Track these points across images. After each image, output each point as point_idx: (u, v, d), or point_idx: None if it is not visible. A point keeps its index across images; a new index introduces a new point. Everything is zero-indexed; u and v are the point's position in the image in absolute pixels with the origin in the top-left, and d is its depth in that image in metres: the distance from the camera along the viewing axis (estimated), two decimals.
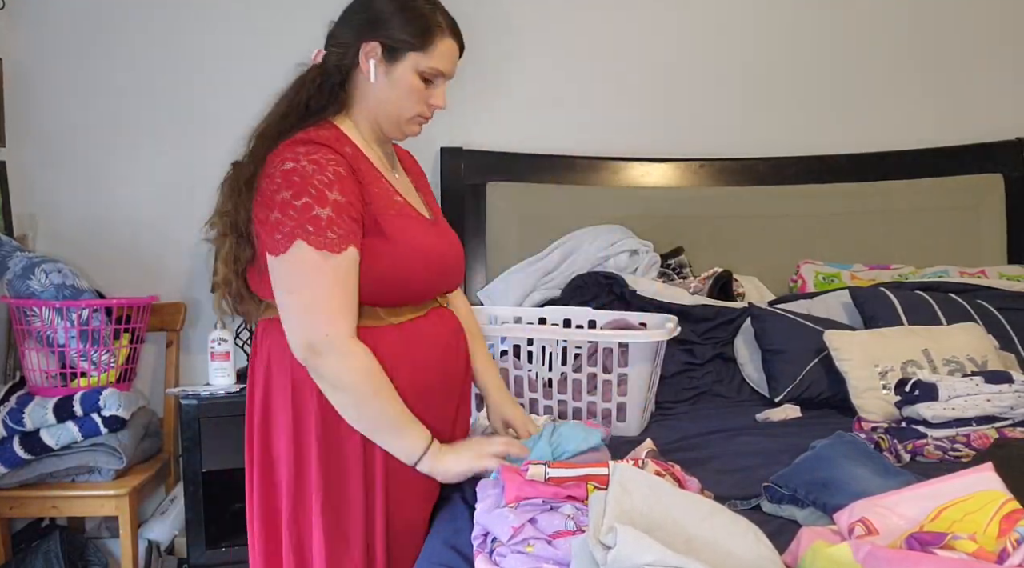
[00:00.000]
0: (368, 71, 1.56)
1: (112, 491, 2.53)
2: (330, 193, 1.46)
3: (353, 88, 1.60)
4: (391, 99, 1.58)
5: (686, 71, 3.23)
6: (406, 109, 1.59)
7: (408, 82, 1.57)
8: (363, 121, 1.62)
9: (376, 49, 1.56)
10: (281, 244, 1.45)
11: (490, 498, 1.31)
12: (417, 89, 1.58)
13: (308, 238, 1.43)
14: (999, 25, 3.26)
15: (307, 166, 1.46)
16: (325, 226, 1.44)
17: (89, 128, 3.03)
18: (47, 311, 2.58)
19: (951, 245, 3.09)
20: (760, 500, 1.53)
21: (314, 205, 1.44)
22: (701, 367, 2.53)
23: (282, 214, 1.45)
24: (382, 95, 1.58)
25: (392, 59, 1.56)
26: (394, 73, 1.57)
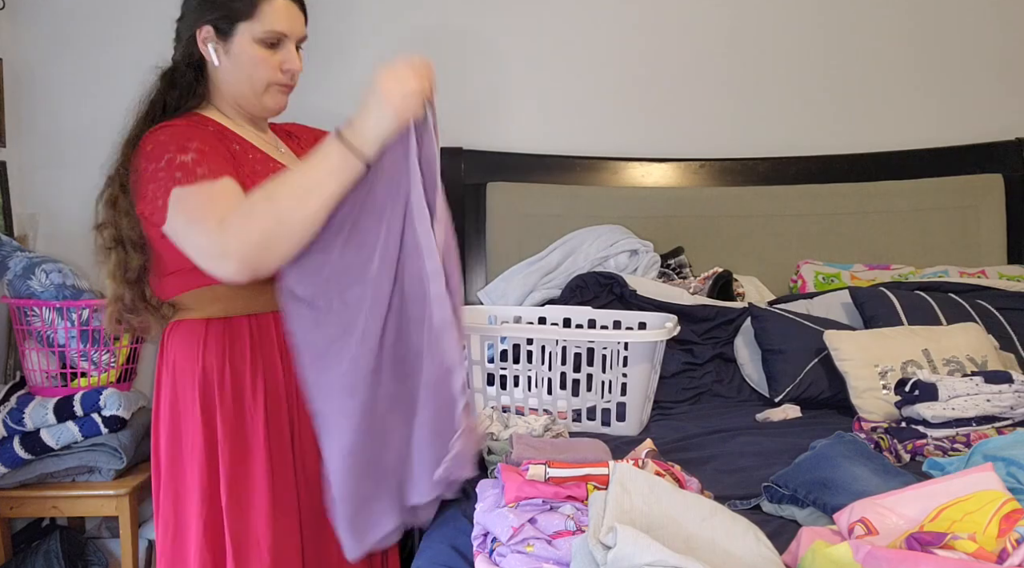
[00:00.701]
0: (209, 56, 1.57)
1: (112, 491, 2.53)
2: (189, 143, 1.47)
3: (207, 79, 1.61)
4: (239, 76, 1.58)
5: (686, 71, 3.23)
6: (257, 80, 1.58)
7: (248, 54, 1.56)
8: (227, 108, 1.63)
9: (209, 32, 1.57)
10: (162, 208, 1.45)
11: (490, 498, 1.31)
12: (261, 58, 1.57)
13: (180, 182, 1.43)
14: (999, 25, 3.26)
15: (161, 135, 1.50)
16: (192, 166, 1.44)
17: (89, 128, 3.02)
18: (47, 311, 2.58)
19: (951, 245, 3.09)
20: (760, 500, 1.53)
21: (176, 155, 1.45)
22: (701, 367, 2.53)
23: (153, 182, 1.46)
24: (230, 76, 1.58)
25: (226, 36, 1.56)
26: (232, 49, 1.57)
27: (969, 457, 1.55)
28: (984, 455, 1.50)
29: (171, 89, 1.59)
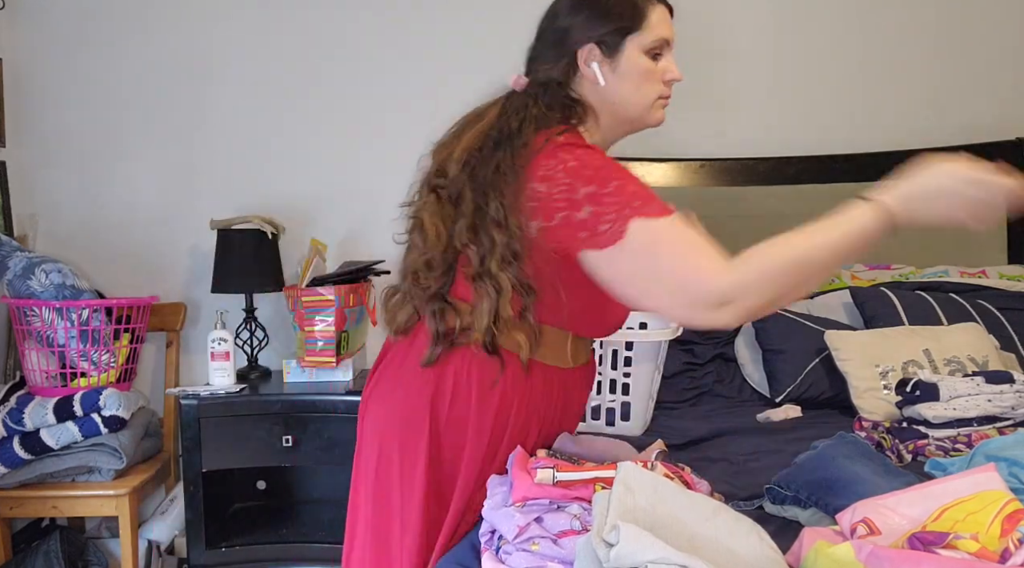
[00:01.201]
0: (594, 75, 1.44)
1: (112, 491, 2.53)
2: (628, 172, 1.34)
3: (575, 101, 1.46)
4: (628, 93, 1.45)
5: (685, 71, 3.21)
6: (646, 95, 1.46)
7: (638, 67, 1.44)
8: (596, 131, 1.49)
9: (593, 51, 1.44)
10: (612, 233, 1.27)
11: (498, 496, 1.31)
12: (649, 70, 1.45)
13: (642, 211, 1.28)
14: (999, 25, 3.26)
15: (584, 156, 1.34)
16: (647, 195, 1.30)
17: (89, 128, 3.03)
18: (47, 311, 2.58)
19: (951, 245, 3.09)
20: (762, 501, 1.53)
21: (625, 184, 1.30)
22: (702, 367, 2.53)
23: (596, 205, 1.29)
24: (617, 94, 1.45)
25: (612, 53, 1.43)
26: (620, 66, 1.44)
27: (971, 458, 1.55)
28: (986, 456, 1.50)
29: (551, 110, 1.43)
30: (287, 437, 2.61)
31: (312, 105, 3.07)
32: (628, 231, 1.26)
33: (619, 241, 1.27)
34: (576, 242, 1.30)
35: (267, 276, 2.88)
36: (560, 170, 1.32)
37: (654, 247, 1.27)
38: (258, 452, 2.62)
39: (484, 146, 1.40)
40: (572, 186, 1.31)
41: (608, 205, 1.28)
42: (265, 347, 2.97)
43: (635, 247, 1.27)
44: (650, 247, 1.27)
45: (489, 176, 1.36)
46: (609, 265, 1.29)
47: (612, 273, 1.30)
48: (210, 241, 2.94)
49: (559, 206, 1.31)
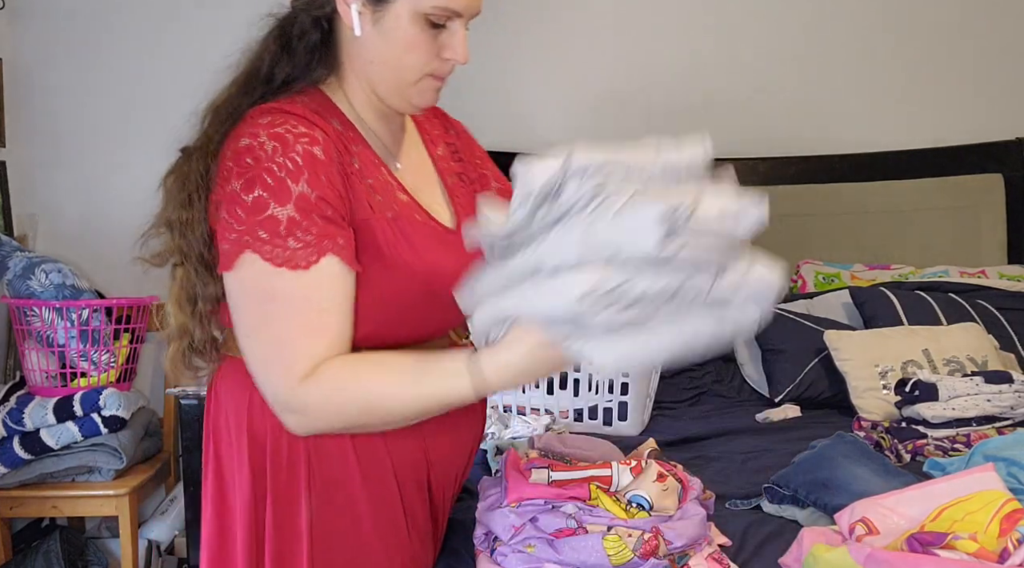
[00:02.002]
0: (351, 21, 1.13)
1: (112, 491, 2.53)
2: (294, 185, 1.06)
3: (339, 45, 1.18)
4: (385, 57, 1.15)
5: (686, 71, 3.23)
6: (408, 70, 1.15)
7: (405, 32, 1.12)
8: (358, 89, 1.20)
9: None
10: (228, 256, 1.08)
11: (491, 496, 1.31)
12: (420, 40, 1.13)
13: (260, 249, 1.06)
14: (1000, 25, 3.26)
15: (266, 143, 1.08)
16: (286, 231, 1.05)
17: (89, 128, 3.03)
18: (47, 311, 2.58)
19: (951, 245, 3.09)
20: (760, 500, 1.53)
21: (270, 201, 1.06)
22: (701, 367, 2.53)
23: (229, 214, 1.08)
24: (373, 53, 1.15)
25: (379, 2, 1.12)
26: (384, 21, 1.13)
27: (970, 457, 1.56)
28: (985, 455, 1.50)
29: (286, 55, 1.18)
30: None
31: None
32: (238, 264, 1.07)
33: (228, 271, 1.09)
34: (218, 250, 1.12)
35: None
36: (232, 149, 1.11)
37: (259, 299, 1.08)
38: None
39: (234, 89, 1.20)
40: (229, 174, 1.10)
41: (236, 220, 1.07)
42: None
43: (244, 287, 1.08)
44: (254, 296, 1.08)
45: (212, 128, 1.18)
46: (227, 293, 1.11)
47: (229, 304, 1.12)
48: None
49: (214, 196, 1.12)
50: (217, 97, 1.21)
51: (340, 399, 1.10)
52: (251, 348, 1.11)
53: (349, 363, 1.10)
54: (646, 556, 1.18)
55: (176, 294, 1.19)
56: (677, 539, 1.22)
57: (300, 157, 1.08)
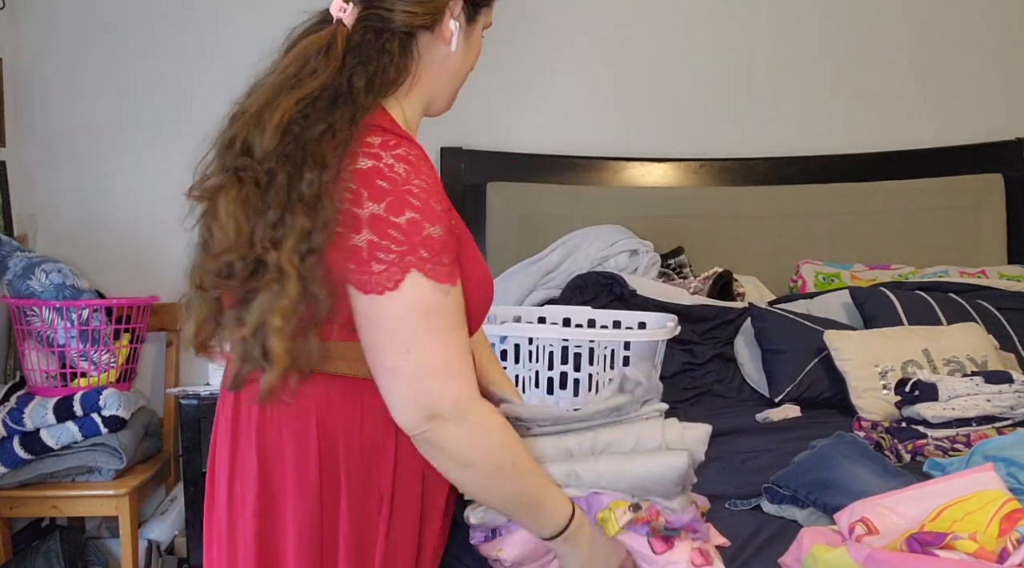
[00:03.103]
0: (450, 36, 1.18)
1: (112, 491, 2.53)
2: (435, 204, 1.09)
3: (412, 60, 1.18)
4: (464, 68, 1.24)
5: (686, 71, 3.23)
6: (466, 77, 1.27)
7: (479, 43, 1.24)
8: (417, 104, 1.23)
9: (459, 6, 1.18)
10: (389, 276, 1.05)
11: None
12: (479, 52, 1.26)
13: (423, 267, 1.06)
14: (999, 25, 3.26)
15: (396, 165, 1.08)
16: (440, 249, 1.07)
17: (89, 128, 3.03)
18: (47, 311, 2.58)
19: (951, 245, 3.09)
20: (760, 501, 1.53)
21: (423, 222, 1.06)
22: (701, 367, 2.52)
23: (381, 236, 1.05)
24: (457, 65, 1.22)
25: (471, 18, 1.21)
26: (472, 36, 1.22)
27: (969, 457, 1.55)
28: (984, 455, 1.50)
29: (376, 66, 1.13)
30: None
31: None
32: (405, 283, 1.05)
33: (392, 291, 1.06)
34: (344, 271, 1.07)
35: None
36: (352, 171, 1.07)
37: (421, 318, 1.07)
38: None
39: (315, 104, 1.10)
40: (358, 197, 1.06)
41: (391, 237, 1.05)
42: None
43: (409, 304, 1.06)
44: (417, 317, 1.07)
45: (312, 145, 1.07)
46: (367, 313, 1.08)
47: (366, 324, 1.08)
48: None
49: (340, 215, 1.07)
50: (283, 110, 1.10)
51: (505, 438, 1.14)
52: (413, 363, 1.07)
53: (508, 429, 1.16)
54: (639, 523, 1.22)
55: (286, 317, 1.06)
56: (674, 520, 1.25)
57: (429, 177, 1.11)
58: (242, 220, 1.09)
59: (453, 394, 1.08)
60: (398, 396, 1.09)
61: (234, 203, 1.10)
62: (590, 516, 1.22)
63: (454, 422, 1.09)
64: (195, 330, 1.22)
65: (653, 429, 1.28)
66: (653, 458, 1.23)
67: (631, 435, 1.27)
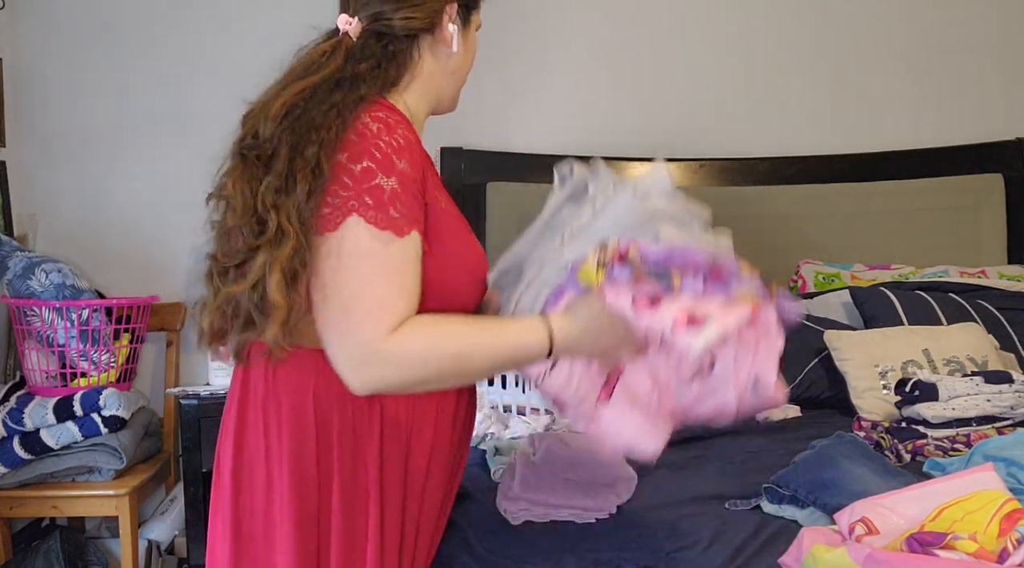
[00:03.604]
0: (450, 38, 1.30)
1: (112, 491, 2.53)
2: (398, 161, 1.16)
3: (411, 59, 1.30)
4: (464, 67, 1.36)
5: (686, 71, 3.23)
6: (467, 73, 1.38)
7: (475, 42, 1.37)
8: (421, 102, 1.33)
9: (454, 10, 1.30)
10: (332, 218, 1.14)
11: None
12: (475, 50, 1.38)
13: (365, 213, 1.13)
14: (999, 25, 3.26)
15: (371, 124, 1.18)
16: (388, 200, 1.14)
17: (89, 128, 3.03)
18: (47, 311, 2.58)
19: (951, 245, 3.09)
20: (760, 501, 1.53)
21: (378, 172, 1.15)
22: None
23: (335, 182, 1.15)
24: (456, 65, 1.34)
25: (466, 20, 1.33)
26: (468, 35, 1.34)
27: (969, 457, 1.56)
28: (984, 455, 1.50)
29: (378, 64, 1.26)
30: None
31: None
32: (344, 225, 1.14)
33: (331, 231, 1.14)
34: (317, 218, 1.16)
35: None
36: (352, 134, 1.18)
37: (361, 261, 1.13)
38: None
39: (317, 91, 1.21)
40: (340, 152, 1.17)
41: (342, 183, 1.15)
42: None
43: (344, 246, 1.14)
44: (355, 259, 1.13)
45: (317, 118, 1.18)
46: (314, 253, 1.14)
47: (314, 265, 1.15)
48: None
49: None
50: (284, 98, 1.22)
51: (429, 347, 1.15)
52: (335, 306, 1.14)
53: (433, 317, 1.17)
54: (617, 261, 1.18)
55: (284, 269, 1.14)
56: (654, 251, 1.19)
57: (401, 139, 1.19)
58: (247, 193, 1.18)
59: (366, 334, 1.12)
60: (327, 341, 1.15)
61: (240, 179, 1.20)
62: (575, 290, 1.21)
63: (379, 365, 1.13)
64: (210, 321, 1.25)
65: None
66: (608, 206, 1.25)
67: (587, 209, 1.29)
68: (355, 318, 1.13)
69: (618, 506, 1.54)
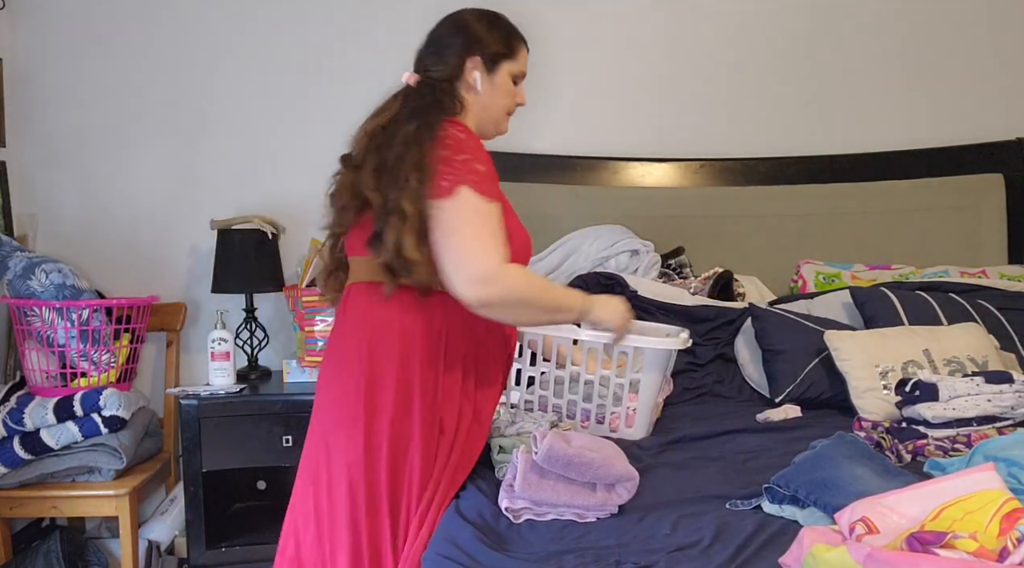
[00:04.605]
0: (474, 81, 1.79)
1: (112, 491, 2.53)
2: (481, 156, 1.66)
3: (457, 96, 1.79)
4: (494, 102, 1.83)
5: (686, 71, 3.23)
6: (503, 107, 1.85)
7: (506, 86, 1.84)
8: (472, 124, 1.81)
9: (478, 62, 1.80)
10: (446, 189, 1.60)
11: None
12: (511, 90, 1.85)
13: (473, 185, 1.60)
14: (999, 25, 3.26)
15: (458, 134, 1.67)
16: (484, 177, 1.63)
17: (89, 128, 3.03)
18: (47, 311, 2.58)
19: (951, 245, 3.09)
20: (760, 500, 1.53)
21: (473, 161, 1.63)
22: (702, 367, 2.52)
23: (445, 166, 1.62)
24: (487, 100, 1.82)
25: (492, 69, 1.82)
26: (495, 80, 1.82)
27: (970, 457, 1.55)
28: (985, 455, 1.50)
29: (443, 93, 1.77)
30: (287, 437, 2.61)
31: (312, 105, 3.08)
32: (457, 193, 1.60)
33: (447, 197, 1.59)
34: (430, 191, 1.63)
35: (267, 276, 2.89)
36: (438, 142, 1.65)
37: (469, 214, 1.60)
38: (258, 452, 2.62)
39: (390, 124, 1.71)
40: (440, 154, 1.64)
41: (453, 167, 1.62)
42: (265, 347, 2.97)
43: (457, 206, 1.60)
44: (465, 213, 1.60)
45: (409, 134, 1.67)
46: (436, 214, 1.60)
47: (435, 222, 1.60)
48: (210, 241, 2.94)
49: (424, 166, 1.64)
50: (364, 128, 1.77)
51: (526, 282, 1.64)
52: (456, 243, 1.59)
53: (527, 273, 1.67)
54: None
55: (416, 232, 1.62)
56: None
57: (479, 146, 1.70)
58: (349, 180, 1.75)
59: (485, 263, 1.58)
60: (452, 268, 1.59)
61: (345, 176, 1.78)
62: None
63: (492, 283, 1.57)
64: (325, 276, 1.89)
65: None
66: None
67: None
68: (479, 253, 1.58)
69: (619, 506, 1.54)
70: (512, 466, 1.59)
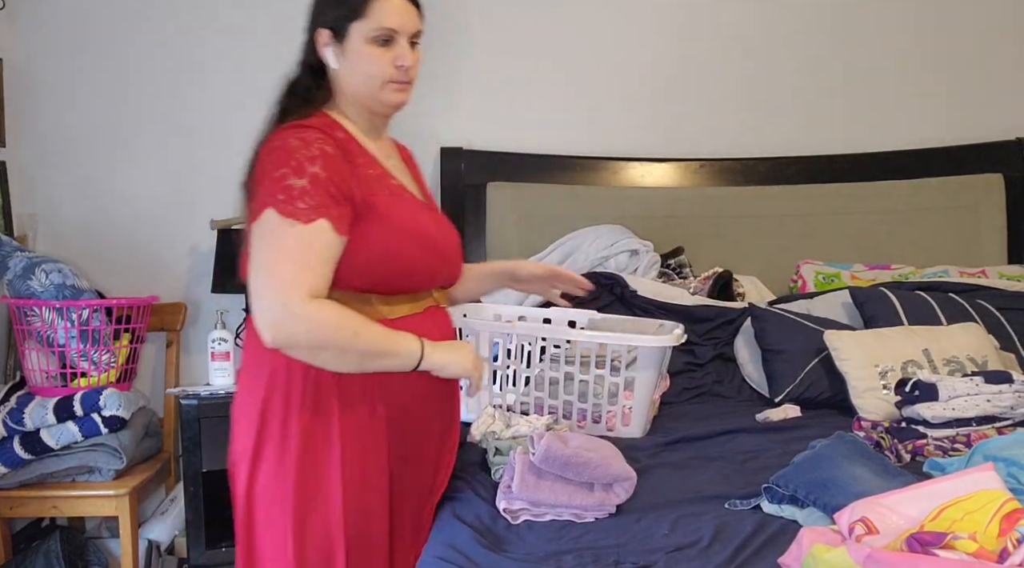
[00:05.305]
0: (327, 59, 1.60)
1: (112, 491, 2.53)
2: (310, 166, 1.46)
3: (330, 80, 1.63)
4: (357, 76, 1.59)
5: (686, 71, 3.23)
6: (374, 79, 1.58)
7: (362, 53, 1.57)
8: (349, 109, 1.63)
9: (325, 35, 1.59)
10: (254, 212, 1.47)
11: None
12: (375, 56, 1.57)
13: (277, 205, 1.44)
14: (1000, 25, 3.26)
15: (292, 142, 1.49)
16: (297, 196, 1.44)
17: (89, 128, 3.03)
18: (47, 311, 2.58)
19: (951, 245, 3.09)
20: (760, 501, 1.53)
21: (290, 175, 1.45)
22: (702, 367, 2.53)
23: (259, 185, 1.48)
24: (348, 76, 1.60)
25: (340, 38, 1.58)
26: (347, 50, 1.58)
27: (969, 457, 1.55)
28: (984, 455, 1.50)
29: (291, 96, 1.62)
30: None
31: None
32: (260, 217, 1.46)
33: (253, 222, 1.47)
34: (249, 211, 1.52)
35: None
36: (264, 151, 1.52)
37: (268, 240, 1.44)
38: None
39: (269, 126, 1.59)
40: (263, 165, 1.51)
41: (264, 186, 1.47)
42: None
43: (259, 232, 1.45)
44: (267, 239, 1.45)
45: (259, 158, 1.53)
46: (250, 240, 1.48)
47: (249, 247, 1.48)
48: (210, 241, 2.94)
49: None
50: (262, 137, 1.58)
51: (336, 318, 1.45)
52: (263, 278, 1.43)
53: (337, 309, 1.47)
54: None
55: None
56: None
57: (316, 151, 1.48)
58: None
59: (277, 299, 1.41)
60: (251, 303, 1.44)
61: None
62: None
63: (286, 322, 1.41)
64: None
65: None
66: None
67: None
68: (280, 287, 1.41)
69: (617, 506, 1.54)
70: (509, 468, 1.59)
